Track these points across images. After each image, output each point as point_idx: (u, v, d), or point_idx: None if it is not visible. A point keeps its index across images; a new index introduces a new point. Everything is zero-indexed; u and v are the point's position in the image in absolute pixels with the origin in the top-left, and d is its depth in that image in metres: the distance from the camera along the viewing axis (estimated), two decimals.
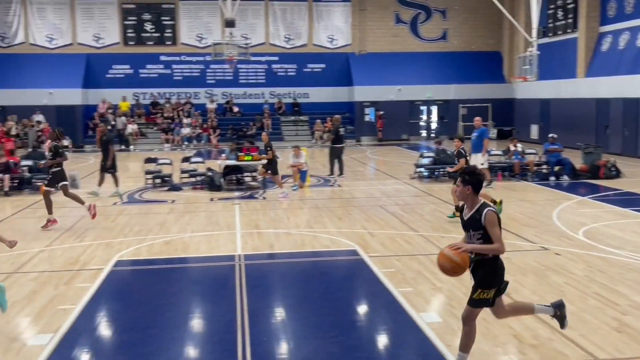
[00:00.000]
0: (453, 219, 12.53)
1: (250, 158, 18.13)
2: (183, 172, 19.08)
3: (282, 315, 7.50)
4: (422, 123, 37.94)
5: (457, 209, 12.17)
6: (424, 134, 37.73)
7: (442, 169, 19.19)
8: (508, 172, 19.28)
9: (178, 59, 35.74)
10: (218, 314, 7.60)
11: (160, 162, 19.27)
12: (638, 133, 25.09)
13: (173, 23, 35.57)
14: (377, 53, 36.56)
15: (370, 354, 6.39)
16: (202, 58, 35.33)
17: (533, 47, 26.59)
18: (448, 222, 12.75)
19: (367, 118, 36.07)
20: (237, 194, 16.97)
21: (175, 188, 17.82)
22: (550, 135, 20.23)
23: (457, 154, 14.07)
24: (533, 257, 9.91)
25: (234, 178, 18.58)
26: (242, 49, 30.94)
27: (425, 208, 14.59)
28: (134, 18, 35.22)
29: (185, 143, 33.03)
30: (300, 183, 18.02)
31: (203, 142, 33.33)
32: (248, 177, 18.82)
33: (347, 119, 33.98)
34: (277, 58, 36.48)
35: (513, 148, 19.89)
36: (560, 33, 31.28)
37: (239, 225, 12.77)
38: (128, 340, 6.69)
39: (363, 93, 35.59)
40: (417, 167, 19.85)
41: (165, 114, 34.81)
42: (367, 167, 24.39)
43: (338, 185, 18.51)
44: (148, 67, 35.53)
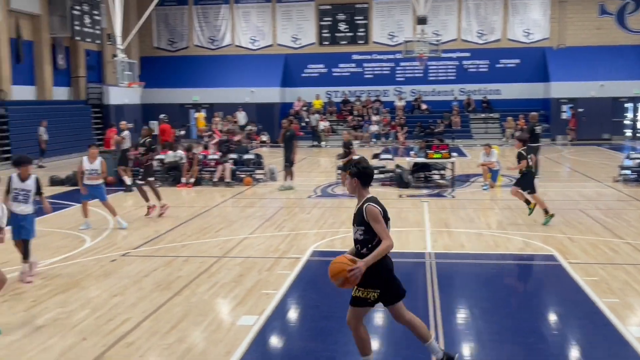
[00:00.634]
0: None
1: (440, 156, 17.98)
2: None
3: (475, 317, 7.38)
4: (626, 122, 34.98)
5: (545, 212, 12.32)
6: (629, 134, 34.75)
7: None
8: None
9: (369, 58, 36.42)
10: (410, 309, 7.64)
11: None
12: None
13: (366, 22, 36.29)
14: (577, 47, 34.35)
15: None
16: (392, 56, 35.70)
17: None
18: None
19: (564, 116, 34.06)
20: (425, 192, 16.93)
21: None
22: None
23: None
24: None
25: (422, 175, 18.55)
26: (433, 46, 30.79)
27: (632, 214, 13.47)
28: (329, 18, 36.49)
29: (373, 140, 33.61)
30: (491, 183, 17.52)
31: (390, 139, 33.68)
32: (436, 175, 18.69)
33: (542, 117, 32.30)
34: (468, 54, 35.75)
35: None
36: None
37: (428, 223, 12.73)
38: (326, 328, 7.00)
39: (560, 89, 33.65)
40: (622, 169, 18.38)
41: (355, 112, 35.69)
42: (564, 167, 23.05)
43: None
44: (341, 66, 36.64)
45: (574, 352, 6.46)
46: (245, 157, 19.89)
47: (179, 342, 6.55)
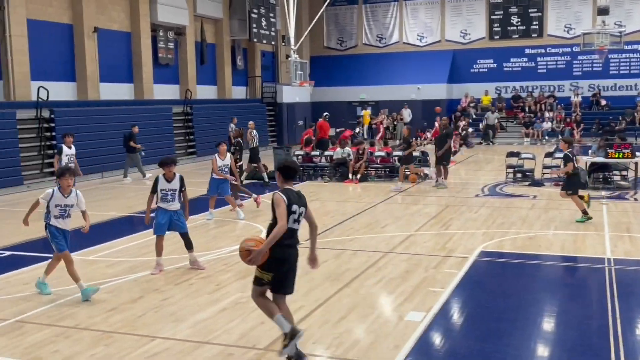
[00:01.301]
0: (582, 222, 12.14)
1: (621, 155, 16.78)
2: (545, 167, 18.59)
3: None
4: None
5: (584, 213, 12.36)
6: None
7: None
8: None
9: (543, 52, 34.78)
10: (586, 318, 7.29)
11: (523, 156, 19.08)
12: None
13: (540, 15, 34.67)
14: None
15: None
16: (568, 49, 33.81)
17: None
18: None
19: None
20: (604, 193, 15.90)
21: (537, 183, 17.52)
22: None
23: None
24: None
25: (601, 176, 17.43)
26: (615, 38, 28.69)
27: None
28: (501, 12, 35.33)
29: (546, 137, 32.05)
30: None
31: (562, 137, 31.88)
32: (617, 175, 17.46)
33: None
34: None
35: None
36: None
37: (607, 227, 11.96)
38: (497, 329, 6.87)
39: None
40: None
41: (527, 108, 34.26)
42: None
43: None
44: (512, 60, 35.36)
45: None
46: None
47: (348, 332, 6.79)
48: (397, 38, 37.29)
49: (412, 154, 18.10)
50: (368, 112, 34.98)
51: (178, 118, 26.36)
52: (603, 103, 33.41)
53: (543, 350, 6.39)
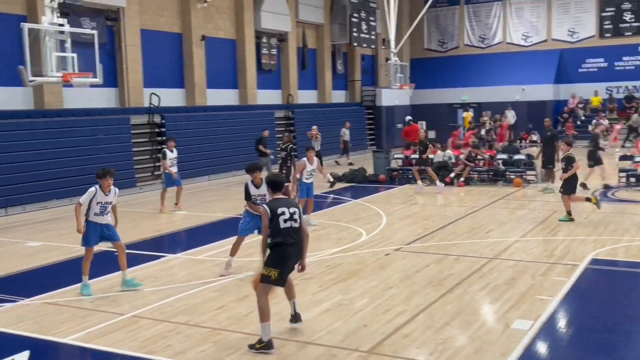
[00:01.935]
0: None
1: None
2: None
3: None
4: None
5: (568, 214, 12.82)
6: None
7: None
8: None
9: None
10: None
11: (637, 160, 18.08)
12: None
13: None
14: None
15: None
16: None
17: None
18: None
19: None
20: None
21: None
22: None
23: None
24: None
25: None
26: None
27: None
28: (612, 8, 33.59)
29: None
30: None
31: None
32: None
33: None
34: None
35: None
36: None
37: None
38: (609, 341, 6.57)
39: None
40: None
41: None
42: None
43: None
44: (624, 59, 33.52)
45: None
46: (516, 157, 19.35)
47: (452, 338, 6.70)
48: (500, 38, 36.31)
49: (428, 157, 18.17)
50: (470, 114, 34.27)
51: (280, 122, 26.94)
52: None
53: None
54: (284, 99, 28.06)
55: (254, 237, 9.94)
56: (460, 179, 18.48)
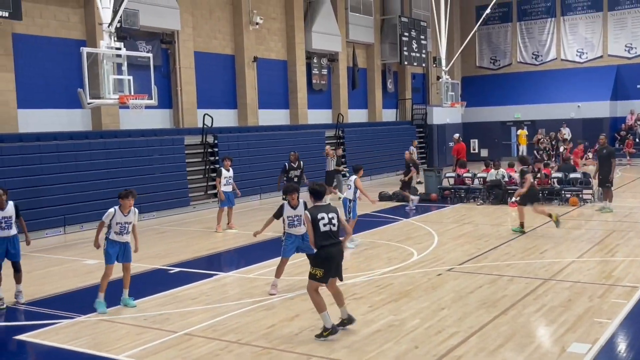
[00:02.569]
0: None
1: None
2: None
3: None
4: None
5: (521, 225, 13.76)
6: None
7: None
8: None
9: None
10: None
11: None
12: None
13: None
14: None
15: None
16: None
17: None
18: None
19: None
20: None
21: None
22: None
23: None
24: None
25: None
26: None
27: None
28: None
29: None
30: None
31: None
32: None
33: None
34: None
35: None
36: None
37: None
38: None
39: None
40: None
41: None
42: None
43: None
44: None
45: None
46: (572, 175, 18.89)
47: None
48: (554, 55, 35.68)
49: (411, 179, 18.67)
50: (524, 132, 33.73)
51: (331, 142, 27.04)
52: None
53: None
54: (334, 119, 28.18)
55: (300, 256, 10.00)
56: (515, 199, 18.06)
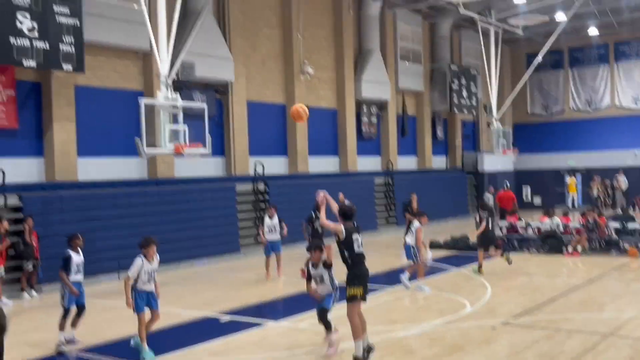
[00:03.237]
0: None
1: None
2: None
3: None
4: None
5: (479, 267, 14.67)
6: None
7: None
8: None
9: None
10: None
11: None
12: None
13: None
14: None
15: None
16: None
17: None
18: None
19: None
20: None
21: None
22: None
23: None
24: None
25: None
26: None
27: None
28: None
29: None
30: None
31: None
32: None
33: None
34: None
35: None
36: None
37: None
38: None
39: None
40: None
41: None
42: None
43: None
44: None
45: None
46: (630, 225, 18.31)
47: None
48: (608, 102, 35.06)
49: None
50: (574, 179, 33.13)
51: (379, 189, 27.00)
52: None
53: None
54: (384, 166, 28.20)
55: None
56: (577, 248, 17.52)
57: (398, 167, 29.03)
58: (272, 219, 15.52)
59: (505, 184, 26.06)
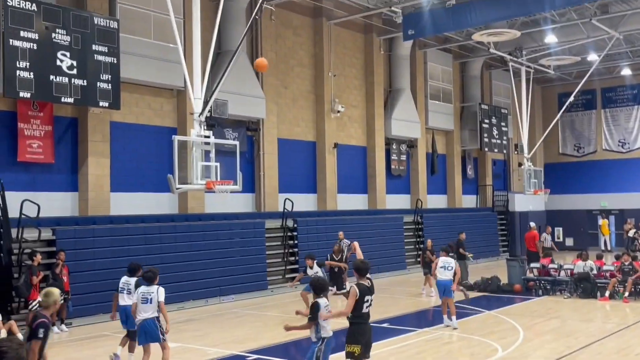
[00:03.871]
0: None
1: None
2: None
3: None
4: None
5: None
6: None
7: None
8: None
9: None
10: None
11: None
12: None
13: None
14: None
15: None
16: None
17: None
18: None
19: None
20: None
21: None
22: None
23: None
24: None
25: None
26: None
27: None
28: None
29: None
30: None
31: None
32: None
33: None
34: None
35: None
36: None
37: None
38: None
39: None
40: None
41: None
42: None
43: None
44: None
45: None
46: None
47: None
48: None
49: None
50: (606, 221, 32.55)
51: (409, 227, 26.81)
52: None
53: None
54: (413, 204, 28.05)
55: None
56: (626, 294, 16.98)
57: (428, 205, 28.86)
58: (312, 269, 15.28)
59: (529, 225, 25.61)
